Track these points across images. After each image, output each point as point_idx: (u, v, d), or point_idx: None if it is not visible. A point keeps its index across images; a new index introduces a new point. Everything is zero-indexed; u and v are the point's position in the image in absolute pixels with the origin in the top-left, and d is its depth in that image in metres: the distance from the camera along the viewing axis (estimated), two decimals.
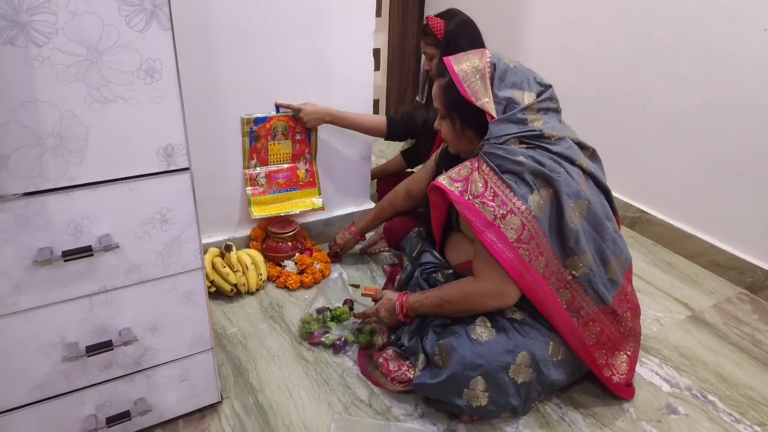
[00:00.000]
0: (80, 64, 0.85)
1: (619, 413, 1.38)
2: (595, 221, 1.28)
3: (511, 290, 1.25)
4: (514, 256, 1.21)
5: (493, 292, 1.26)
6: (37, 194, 0.90)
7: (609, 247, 1.30)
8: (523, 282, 1.23)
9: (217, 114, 1.72)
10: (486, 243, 1.22)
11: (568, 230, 1.23)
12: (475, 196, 1.23)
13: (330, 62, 1.82)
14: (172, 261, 1.08)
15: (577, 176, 1.27)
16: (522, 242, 1.21)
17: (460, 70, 1.29)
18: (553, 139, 1.27)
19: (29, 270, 0.94)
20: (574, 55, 2.39)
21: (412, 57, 3.40)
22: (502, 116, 1.26)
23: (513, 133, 1.25)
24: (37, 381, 1.05)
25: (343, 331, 1.55)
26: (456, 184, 1.27)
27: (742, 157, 1.88)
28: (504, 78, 1.28)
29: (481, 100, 1.26)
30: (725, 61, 1.87)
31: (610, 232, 1.31)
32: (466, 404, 1.26)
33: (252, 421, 1.31)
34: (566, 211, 1.22)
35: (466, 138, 1.34)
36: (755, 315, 1.80)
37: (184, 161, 1.00)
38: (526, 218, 1.21)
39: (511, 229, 1.21)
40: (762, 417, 1.39)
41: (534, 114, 1.28)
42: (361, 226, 1.88)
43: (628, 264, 1.38)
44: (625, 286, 1.36)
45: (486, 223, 1.22)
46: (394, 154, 2.96)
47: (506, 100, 1.27)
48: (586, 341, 1.31)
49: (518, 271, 1.22)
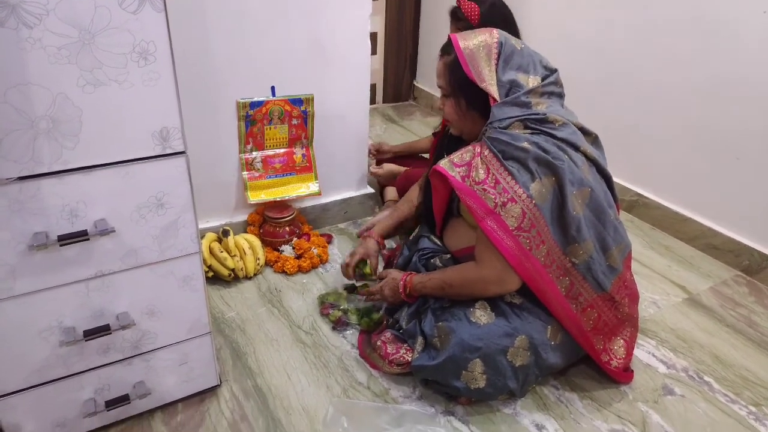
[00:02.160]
0: (72, 46, 0.84)
1: (616, 395, 1.39)
2: (597, 209, 1.28)
3: (512, 277, 1.25)
4: (513, 244, 1.21)
5: (495, 278, 1.26)
6: (31, 178, 0.90)
7: (610, 235, 1.30)
8: (522, 270, 1.23)
9: (213, 98, 1.70)
10: (486, 230, 1.21)
11: (570, 218, 1.22)
12: (477, 182, 1.22)
13: (326, 46, 1.80)
14: (169, 245, 1.08)
15: (581, 163, 1.26)
16: (522, 230, 1.21)
17: (466, 47, 1.26)
18: (557, 124, 1.26)
19: (25, 255, 0.94)
20: (572, 39, 2.37)
21: (409, 41, 3.37)
22: (505, 99, 1.24)
23: (516, 116, 1.24)
24: (36, 365, 1.05)
25: (350, 305, 1.57)
26: (458, 169, 1.26)
27: (740, 140, 1.88)
28: (510, 60, 1.26)
29: (485, 82, 1.25)
30: (724, 44, 1.85)
31: (611, 219, 1.30)
32: (464, 386, 1.26)
33: (251, 404, 1.32)
34: (568, 198, 1.21)
35: (470, 119, 1.33)
36: (751, 297, 1.81)
37: (179, 145, 1.00)
38: (527, 206, 1.20)
39: (512, 217, 1.20)
40: (757, 397, 1.41)
41: (538, 98, 1.27)
42: (380, 230, 1.65)
43: (627, 251, 1.38)
44: (624, 272, 1.36)
45: (487, 210, 1.21)
46: (392, 139, 2.95)
47: (510, 82, 1.25)
48: (584, 327, 1.31)
49: (518, 259, 1.22)
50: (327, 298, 1.64)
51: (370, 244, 1.61)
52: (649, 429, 1.30)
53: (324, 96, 1.87)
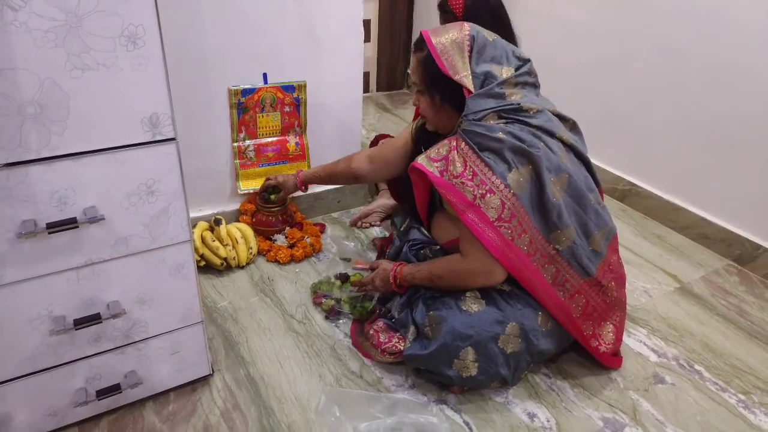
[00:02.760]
0: (59, 30, 0.82)
1: (607, 383, 1.40)
2: (577, 194, 1.28)
3: (498, 269, 1.26)
4: (495, 236, 1.21)
5: (481, 270, 1.27)
6: (18, 165, 0.88)
7: (592, 219, 1.30)
8: (506, 260, 1.24)
9: (204, 85, 1.68)
10: (468, 223, 1.22)
11: (550, 205, 1.23)
12: (455, 176, 1.23)
13: (319, 33, 1.78)
14: (160, 233, 1.07)
15: (557, 149, 1.27)
16: (503, 221, 1.21)
17: (438, 43, 1.27)
18: (531, 112, 1.26)
19: (13, 242, 0.93)
20: (565, 26, 2.36)
21: (402, 28, 3.34)
22: (479, 91, 1.25)
23: (491, 108, 1.24)
24: (26, 354, 1.04)
25: (343, 294, 1.57)
26: (435, 164, 1.27)
27: (733, 129, 1.88)
28: (482, 52, 1.27)
29: (459, 75, 1.25)
30: (719, 31, 1.85)
31: (592, 204, 1.31)
32: (456, 374, 1.27)
33: (243, 393, 1.32)
34: (547, 186, 1.22)
35: (444, 114, 1.33)
36: (742, 286, 1.82)
37: (169, 131, 0.98)
38: (505, 197, 1.21)
39: (492, 208, 1.21)
40: (746, 386, 1.42)
41: (512, 88, 1.28)
42: (307, 175, 1.77)
43: (612, 235, 1.38)
44: (609, 256, 1.36)
45: (466, 204, 1.22)
46: (385, 128, 2.94)
47: (484, 74, 1.26)
48: (573, 314, 1.32)
49: (500, 251, 1.22)
50: (320, 288, 1.63)
51: (290, 180, 1.77)
52: (639, 417, 1.31)
53: (316, 84, 1.85)
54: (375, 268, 1.51)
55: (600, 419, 1.30)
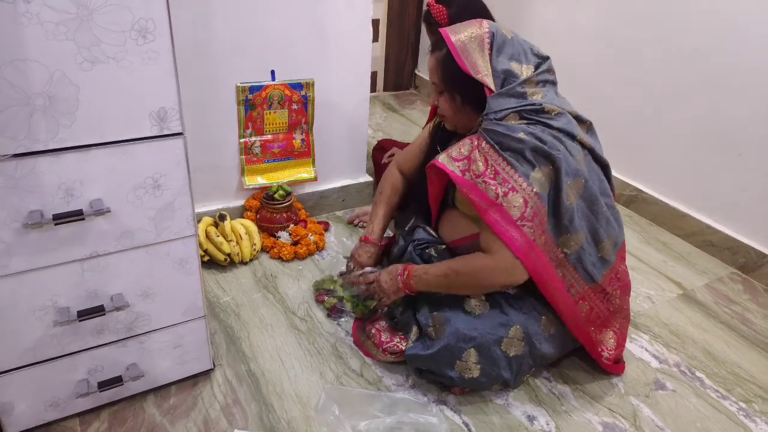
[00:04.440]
0: (70, 22, 0.83)
1: (608, 388, 1.40)
2: (591, 200, 1.27)
3: (520, 268, 1.22)
4: (519, 235, 1.19)
5: (505, 266, 1.22)
6: (26, 156, 0.89)
7: (602, 227, 1.29)
8: (528, 261, 1.21)
9: (212, 81, 1.69)
10: (490, 222, 1.20)
11: (564, 208, 1.22)
12: (477, 175, 1.22)
13: (328, 32, 1.78)
14: (165, 227, 1.07)
15: (576, 153, 1.25)
16: (526, 220, 1.19)
17: (458, 41, 1.25)
18: (553, 113, 1.25)
19: (20, 233, 0.93)
20: (574, 29, 2.36)
21: (411, 28, 3.34)
22: (501, 90, 1.23)
23: (512, 108, 1.23)
24: (29, 344, 1.05)
25: (345, 293, 1.56)
26: (457, 164, 1.26)
27: (741, 136, 1.87)
28: (502, 50, 1.25)
29: (480, 73, 1.24)
30: (728, 37, 1.84)
31: (604, 211, 1.30)
32: (458, 376, 1.26)
33: (244, 388, 1.32)
34: (563, 189, 1.21)
35: (464, 113, 1.32)
36: (746, 295, 1.81)
37: (177, 126, 0.99)
38: (528, 195, 1.19)
39: (514, 207, 1.19)
40: (748, 394, 1.41)
41: (533, 87, 1.26)
42: (377, 230, 1.58)
43: (621, 243, 1.38)
44: (617, 264, 1.36)
45: (489, 202, 1.20)
46: (391, 128, 2.94)
47: (504, 72, 1.24)
48: (581, 319, 1.31)
49: (523, 251, 1.20)
50: (322, 285, 1.64)
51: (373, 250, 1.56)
52: (639, 423, 1.31)
53: (324, 82, 1.86)
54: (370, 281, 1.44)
55: (600, 424, 1.30)
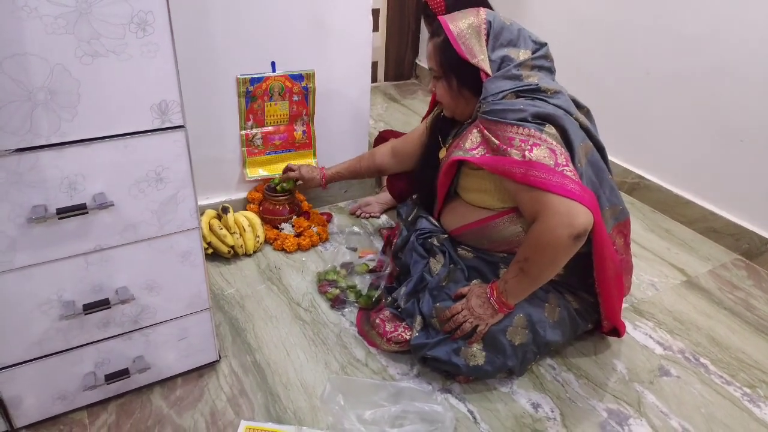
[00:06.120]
0: (69, 16, 0.82)
1: (612, 374, 1.40)
2: (596, 165, 1.29)
3: (577, 208, 1.13)
4: (562, 179, 1.14)
5: (560, 214, 1.13)
6: (29, 150, 0.89)
7: (605, 194, 1.30)
8: (583, 198, 1.14)
9: (213, 73, 1.68)
10: (530, 181, 1.15)
11: (577, 169, 1.21)
12: (495, 149, 1.22)
13: (327, 22, 1.77)
14: (168, 220, 1.07)
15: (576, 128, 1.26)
16: (561, 165, 1.16)
17: (456, 27, 1.27)
18: (549, 92, 1.26)
19: (24, 227, 0.94)
20: (577, 19, 2.34)
21: (411, 17, 3.32)
22: (497, 73, 1.25)
23: (508, 89, 1.24)
24: (35, 338, 1.05)
25: (349, 283, 1.57)
26: (473, 152, 1.27)
27: (744, 122, 1.86)
28: (499, 36, 1.27)
29: (477, 58, 1.26)
30: (730, 26, 1.83)
31: (608, 178, 1.31)
32: (464, 363, 1.27)
33: (250, 379, 1.33)
34: (576, 150, 1.21)
35: (462, 98, 1.33)
36: (750, 281, 1.81)
37: (178, 119, 0.99)
38: (551, 146, 1.17)
39: (544, 157, 1.16)
40: (752, 379, 1.42)
41: (528, 71, 1.27)
42: (331, 173, 1.75)
43: (624, 218, 1.37)
44: (612, 236, 1.33)
45: (520, 164, 1.17)
46: (393, 118, 2.93)
47: (501, 58, 1.26)
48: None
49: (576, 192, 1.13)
50: (326, 276, 1.64)
51: (315, 177, 1.74)
52: (644, 409, 1.31)
53: (324, 72, 1.85)
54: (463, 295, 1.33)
55: (604, 410, 1.30)
